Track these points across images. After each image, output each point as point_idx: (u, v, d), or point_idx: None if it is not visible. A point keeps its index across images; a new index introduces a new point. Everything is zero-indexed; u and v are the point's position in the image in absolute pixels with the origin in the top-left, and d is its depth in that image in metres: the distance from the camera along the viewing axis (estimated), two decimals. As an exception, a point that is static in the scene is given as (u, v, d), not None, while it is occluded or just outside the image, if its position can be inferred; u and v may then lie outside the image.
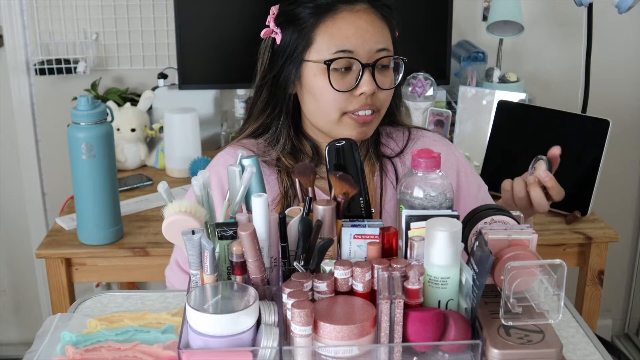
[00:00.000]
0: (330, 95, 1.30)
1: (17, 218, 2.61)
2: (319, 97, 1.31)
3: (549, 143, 2.03)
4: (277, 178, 1.37)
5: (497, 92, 2.20)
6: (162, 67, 2.42)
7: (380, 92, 1.31)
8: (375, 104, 1.32)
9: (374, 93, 1.30)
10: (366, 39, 1.29)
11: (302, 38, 1.31)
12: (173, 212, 0.99)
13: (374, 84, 1.29)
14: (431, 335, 0.93)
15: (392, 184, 1.39)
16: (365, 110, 1.30)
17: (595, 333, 1.14)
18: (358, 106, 1.30)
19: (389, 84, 1.32)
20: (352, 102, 1.30)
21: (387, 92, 1.33)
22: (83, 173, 1.71)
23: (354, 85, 1.29)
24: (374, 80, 1.29)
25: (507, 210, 1.08)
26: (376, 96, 1.31)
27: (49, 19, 2.38)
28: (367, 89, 1.29)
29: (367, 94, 1.29)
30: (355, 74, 1.30)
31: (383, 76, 1.31)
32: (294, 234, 1.04)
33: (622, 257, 2.76)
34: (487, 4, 2.41)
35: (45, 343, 1.06)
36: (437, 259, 0.96)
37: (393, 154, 1.43)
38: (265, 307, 0.97)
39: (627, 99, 2.56)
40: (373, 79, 1.29)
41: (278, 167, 1.37)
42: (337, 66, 1.29)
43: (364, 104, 1.30)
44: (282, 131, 1.38)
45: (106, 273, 1.87)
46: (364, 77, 1.29)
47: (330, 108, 1.31)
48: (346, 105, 1.30)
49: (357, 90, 1.29)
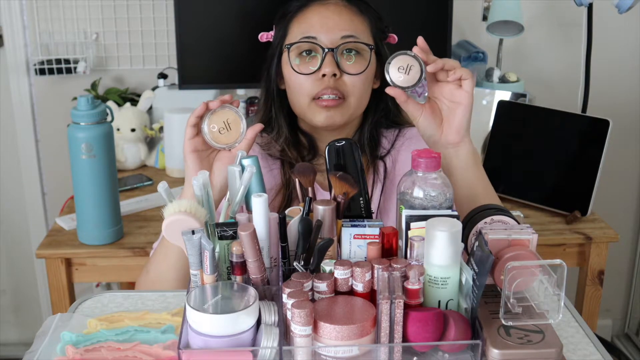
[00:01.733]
0: (297, 79, 1.37)
1: (17, 218, 2.61)
2: (290, 83, 1.40)
3: (549, 143, 2.04)
4: (280, 169, 1.43)
5: (497, 92, 2.20)
6: (162, 67, 2.42)
7: (346, 77, 1.37)
8: (340, 88, 1.36)
9: (339, 78, 1.36)
10: (330, 26, 1.37)
11: (281, 30, 1.43)
12: (173, 212, 0.99)
13: (336, 67, 1.35)
14: (431, 335, 0.93)
15: (380, 181, 1.44)
16: (329, 94, 1.36)
17: (595, 333, 1.14)
18: (321, 88, 1.36)
19: (355, 70, 1.37)
20: (317, 85, 1.36)
21: (355, 78, 1.37)
22: (83, 173, 1.71)
23: (317, 68, 1.35)
24: (337, 64, 1.35)
25: (507, 210, 1.08)
26: (342, 81, 1.37)
27: (49, 19, 2.39)
28: (328, 70, 1.35)
29: (328, 74, 1.35)
30: (319, 59, 1.36)
31: (349, 62, 1.37)
32: (294, 234, 1.04)
33: (622, 257, 2.76)
34: (487, 4, 2.41)
35: (45, 343, 1.06)
36: (437, 259, 0.96)
37: (384, 152, 1.47)
38: (265, 307, 0.97)
39: (627, 99, 2.56)
40: (335, 63, 1.35)
41: (282, 159, 1.44)
42: (300, 50, 1.38)
43: (327, 87, 1.36)
44: (280, 125, 1.45)
45: (106, 273, 1.87)
46: (325, 60, 1.35)
47: (298, 93, 1.38)
48: (312, 88, 1.36)
49: (319, 72, 1.35)
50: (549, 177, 2.03)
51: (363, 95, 1.40)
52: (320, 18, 1.38)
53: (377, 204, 1.43)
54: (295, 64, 1.38)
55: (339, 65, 1.36)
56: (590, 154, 1.96)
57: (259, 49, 1.51)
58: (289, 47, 1.38)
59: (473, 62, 2.33)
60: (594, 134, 1.96)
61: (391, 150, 1.47)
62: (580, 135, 2.00)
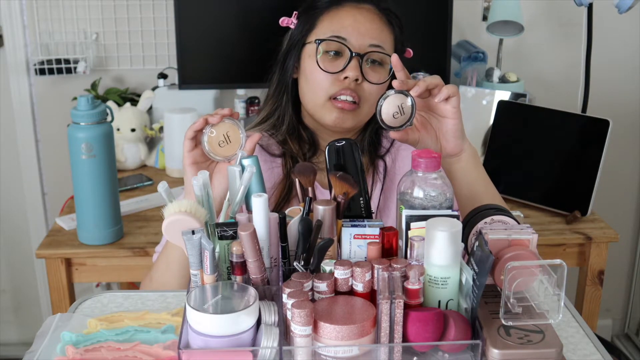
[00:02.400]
0: (318, 75, 1.37)
1: (17, 218, 2.61)
2: (309, 77, 1.39)
3: (549, 143, 2.04)
4: (282, 164, 1.44)
5: (497, 92, 2.20)
6: (162, 67, 2.42)
7: (366, 83, 1.37)
8: (358, 92, 1.37)
9: (359, 82, 1.37)
10: (362, 32, 1.37)
11: (307, 22, 1.41)
12: (173, 212, 0.99)
13: (360, 72, 1.36)
14: (431, 335, 0.93)
15: (380, 180, 1.45)
16: (347, 95, 1.36)
17: (595, 333, 1.14)
18: (340, 89, 1.36)
19: (376, 80, 1.38)
20: (336, 85, 1.37)
21: (373, 87, 1.38)
22: (83, 173, 1.71)
23: (341, 69, 1.36)
24: (361, 69, 1.36)
25: (507, 210, 1.09)
26: (361, 86, 1.37)
27: (49, 19, 2.38)
28: (352, 74, 1.35)
29: (350, 78, 1.35)
30: (344, 60, 1.37)
31: (372, 70, 1.38)
32: (294, 234, 1.04)
33: (622, 257, 2.76)
34: (487, 4, 2.41)
35: (45, 343, 1.06)
36: (437, 259, 0.96)
37: (384, 150, 1.48)
38: (265, 307, 0.97)
39: (627, 99, 2.56)
40: (360, 68, 1.36)
41: (284, 150, 1.44)
42: (328, 48, 1.37)
43: (346, 88, 1.36)
44: (285, 113, 1.46)
45: (106, 273, 1.87)
46: (351, 63, 1.36)
47: (317, 88, 1.38)
48: (331, 87, 1.37)
49: (342, 74, 1.36)
50: (549, 177, 2.03)
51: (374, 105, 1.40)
52: (353, 21, 1.38)
53: (377, 203, 1.43)
54: (320, 59, 1.37)
55: (362, 71, 1.36)
56: (590, 154, 1.96)
57: (259, 49, 1.51)
58: (318, 42, 1.37)
59: (473, 62, 2.32)
60: (594, 134, 1.96)
61: (391, 149, 1.48)
62: (580, 135, 2.00)
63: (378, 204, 1.43)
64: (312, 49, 1.39)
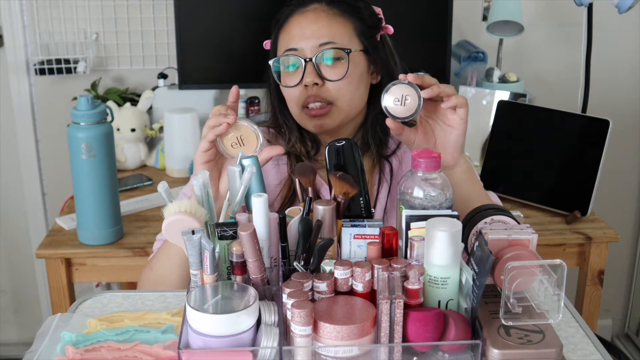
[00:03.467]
0: (287, 91, 1.40)
1: (17, 218, 2.61)
2: (284, 95, 1.42)
3: (549, 143, 2.04)
4: (287, 163, 1.45)
5: (497, 92, 2.20)
6: (162, 67, 2.42)
7: (329, 83, 1.37)
8: (324, 95, 1.37)
9: (321, 86, 1.37)
10: (307, 35, 1.37)
11: (273, 45, 1.44)
12: (173, 212, 0.99)
13: (316, 75, 1.36)
14: (431, 335, 0.93)
15: (386, 182, 1.44)
16: (314, 102, 1.37)
17: (595, 333, 1.14)
18: (306, 97, 1.38)
19: (336, 76, 1.37)
20: (303, 93, 1.38)
21: (338, 83, 1.37)
22: (83, 173, 1.71)
23: (300, 79, 1.37)
24: (318, 72, 1.36)
25: (507, 210, 1.09)
26: (325, 88, 1.37)
27: (49, 19, 2.39)
28: (308, 80, 1.36)
29: (309, 84, 1.36)
30: (301, 69, 1.37)
31: (329, 68, 1.37)
32: (294, 234, 1.04)
33: (622, 257, 2.76)
34: (487, 4, 2.41)
35: (45, 343, 1.06)
36: (437, 259, 0.96)
37: (390, 152, 1.47)
38: (265, 307, 0.97)
39: (627, 99, 2.56)
40: (316, 72, 1.36)
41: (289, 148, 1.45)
42: (285, 63, 1.39)
43: (309, 96, 1.37)
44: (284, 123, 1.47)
45: (106, 273, 1.87)
46: (306, 70, 1.37)
47: (290, 103, 1.41)
48: (299, 98, 1.38)
49: (302, 83, 1.37)
50: (549, 177, 2.03)
51: (353, 97, 1.40)
52: (299, 28, 1.38)
53: (383, 205, 1.42)
54: (283, 77, 1.39)
55: (320, 73, 1.36)
56: (590, 154, 1.96)
57: (259, 49, 1.51)
58: (271, 63, 1.40)
59: (473, 62, 2.32)
60: (594, 134, 1.96)
61: (397, 151, 1.46)
62: (580, 135, 2.00)
63: (385, 205, 1.42)
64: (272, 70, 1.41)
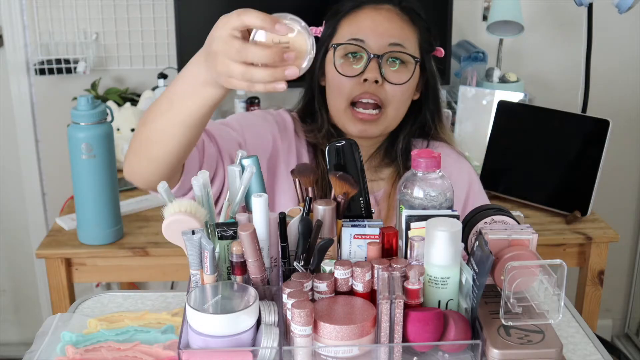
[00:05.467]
0: (338, 80, 1.35)
1: (17, 218, 2.61)
2: (330, 83, 1.38)
3: (549, 143, 2.04)
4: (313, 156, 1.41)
5: (497, 92, 2.20)
6: (162, 67, 2.42)
7: (388, 85, 1.34)
8: (379, 95, 1.34)
9: (380, 85, 1.33)
10: (380, 32, 1.34)
11: (329, 29, 1.39)
12: (173, 212, 0.99)
13: (379, 74, 1.33)
14: (431, 335, 0.93)
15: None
16: (367, 98, 1.33)
17: (595, 333, 1.14)
18: (361, 92, 1.34)
19: (398, 80, 1.34)
20: (357, 88, 1.34)
21: (396, 88, 1.35)
22: (83, 173, 1.71)
23: (360, 72, 1.33)
24: (381, 71, 1.33)
25: (507, 210, 1.09)
26: (382, 88, 1.34)
27: (49, 19, 2.39)
28: (370, 76, 1.33)
29: (370, 80, 1.33)
30: (363, 63, 1.34)
31: (393, 71, 1.35)
32: (294, 234, 1.04)
33: (622, 257, 2.76)
34: (487, 4, 2.41)
35: (45, 343, 1.06)
36: (437, 259, 0.96)
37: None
38: (265, 307, 0.97)
39: (627, 99, 2.56)
40: (379, 70, 1.33)
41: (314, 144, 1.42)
42: (346, 52, 1.35)
43: (366, 91, 1.33)
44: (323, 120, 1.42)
45: (106, 273, 1.87)
46: (370, 65, 1.33)
47: (338, 93, 1.36)
48: (351, 91, 1.34)
49: (362, 77, 1.33)
50: (549, 177, 2.03)
51: (401, 107, 1.38)
52: (371, 22, 1.35)
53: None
54: (338, 64, 1.35)
55: (382, 72, 1.33)
56: (590, 154, 1.96)
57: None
58: (335, 46, 1.36)
59: (473, 62, 2.32)
60: (594, 134, 1.96)
61: None
62: (580, 135, 2.00)
63: None
64: (332, 54, 1.37)
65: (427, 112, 1.44)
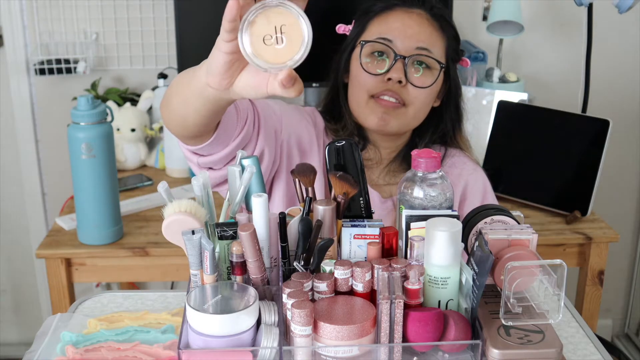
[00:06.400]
0: (362, 76, 1.37)
1: (17, 218, 2.61)
2: (354, 79, 1.40)
3: (549, 143, 2.04)
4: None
5: (497, 92, 2.20)
6: (162, 67, 2.42)
7: (411, 87, 1.36)
8: (402, 95, 1.36)
9: (403, 85, 1.36)
10: (408, 35, 1.36)
11: (359, 27, 1.42)
12: (173, 212, 0.99)
13: (403, 74, 1.35)
14: (431, 335, 0.93)
15: None
16: (389, 96, 1.36)
17: (595, 333, 1.14)
18: (383, 89, 1.36)
19: (421, 83, 1.36)
20: (380, 86, 1.36)
21: (418, 90, 1.37)
22: (83, 173, 1.71)
23: (385, 70, 1.35)
24: (405, 73, 1.35)
25: (507, 210, 1.09)
26: (405, 89, 1.36)
27: (49, 19, 2.38)
28: (395, 76, 1.35)
29: (394, 80, 1.35)
30: (389, 62, 1.36)
31: (417, 74, 1.37)
32: (294, 234, 1.04)
33: (622, 257, 2.76)
34: (487, 4, 2.41)
35: (45, 343, 1.06)
36: (437, 259, 0.96)
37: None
38: (265, 307, 0.97)
39: (627, 99, 2.56)
40: (404, 71, 1.35)
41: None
42: (373, 49, 1.37)
43: (389, 89, 1.36)
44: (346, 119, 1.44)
45: (106, 273, 1.87)
46: (395, 65, 1.35)
47: (360, 88, 1.38)
48: (373, 87, 1.36)
49: (386, 75, 1.35)
50: (548, 177, 2.03)
51: (422, 109, 1.39)
52: (400, 24, 1.37)
53: None
54: (364, 61, 1.38)
55: (406, 74, 1.35)
56: (590, 154, 1.96)
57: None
58: (363, 43, 1.38)
59: (473, 62, 2.32)
60: (594, 134, 1.96)
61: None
62: (580, 135, 2.00)
63: None
64: (359, 50, 1.39)
65: (448, 121, 1.46)
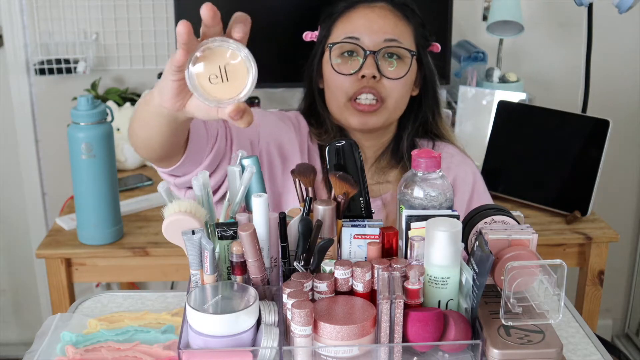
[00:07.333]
0: (336, 78, 1.37)
1: (17, 218, 2.61)
2: (329, 83, 1.40)
3: (549, 143, 2.04)
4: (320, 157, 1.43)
5: (497, 92, 2.20)
6: (162, 67, 2.42)
7: (386, 80, 1.36)
8: (379, 90, 1.36)
9: (378, 80, 1.35)
10: (374, 29, 1.36)
11: (325, 29, 1.43)
12: (173, 212, 0.99)
13: (376, 69, 1.35)
14: (431, 335, 0.93)
15: None
16: (367, 93, 1.36)
17: (595, 333, 1.14)
18: (360, 88, 1.36)
19: (395, 75, 1.36)
20: (355, 85, 1.36)
21: (394, 82, 1.37)
22: (83, 173, 1.71)
23: (357, 69, 1.35)
24: (377, 67, 1.35)
25: (507, 210, 1.09)
26: (381, 84, 1.36)
27: (49, 19, 2.38)
28: (368, 72, 1.35)
29: (367, 76, 1.35)
30: (360, 60, 1.36)
31: (390, 66, 1.37)
32: (294, 234, 1.04)
33: (622, 257, 2.76)
34: (487, 4, 2.41)
35: (45, 343, 1.06)
36: (437, 259, 0.96)
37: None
38: (265, 307, 0.97)
39: (627, 99, 2.56)
40: (376, 66, 1.35)
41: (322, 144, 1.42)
42: (342, 50, 1.37)
43: (365, 87, 1.36)
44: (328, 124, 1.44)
45: (106, 273, 1.87)
46: (366, 61, 1.35)
47: (336, 92, 1.38)
48: (350, 88, 1.36)
49: (359, 73, 1.35)
50: (549, 177, 2.03)
51: (400, 100, 1.40)
52: (365, 20, 1.38)
53: None
54: (335, 63, 1.38)
55: (379, 68, 1.36)
56: (590, 154, 1.96)
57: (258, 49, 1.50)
58: (331, 46, 1.38)
59: (473, 62, 2.32)
60: (594, 134, 1.96)
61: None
62: (580, 135, 2.00)
63: None
64: (328, 54, 1.39)
65: (427, 108, 1.45)
